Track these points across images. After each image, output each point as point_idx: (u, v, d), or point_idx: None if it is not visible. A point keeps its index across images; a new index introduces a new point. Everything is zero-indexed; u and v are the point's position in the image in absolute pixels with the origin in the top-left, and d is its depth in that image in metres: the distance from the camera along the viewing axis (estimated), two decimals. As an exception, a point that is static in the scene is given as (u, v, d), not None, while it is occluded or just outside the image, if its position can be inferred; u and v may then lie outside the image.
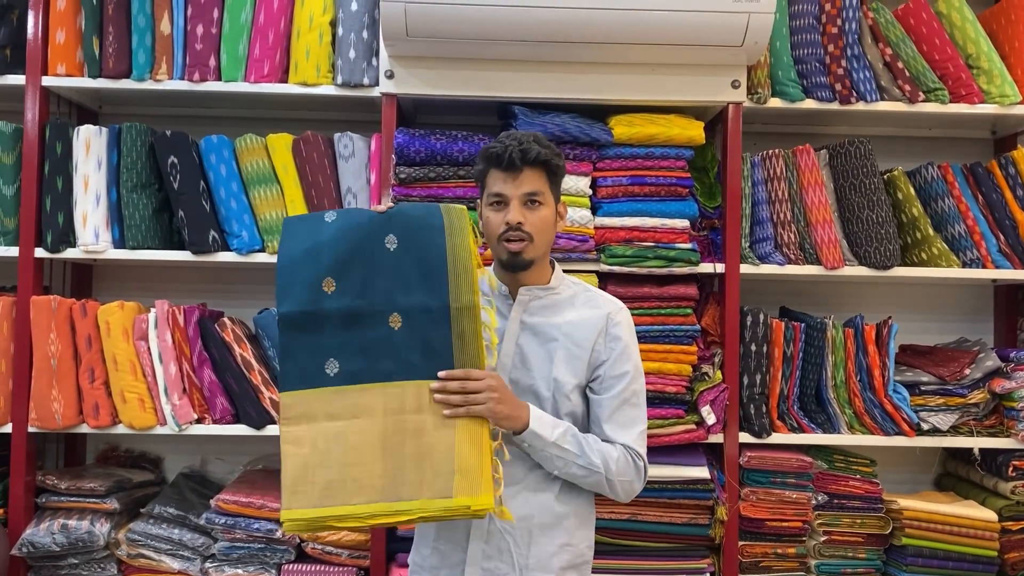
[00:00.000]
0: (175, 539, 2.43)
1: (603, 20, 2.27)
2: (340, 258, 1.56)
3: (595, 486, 1.69)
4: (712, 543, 2.50)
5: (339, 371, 1.55)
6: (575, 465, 1.65)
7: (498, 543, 1.66)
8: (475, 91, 2.46)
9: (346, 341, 1.55)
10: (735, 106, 2.52)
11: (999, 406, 2.60)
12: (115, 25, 2.50)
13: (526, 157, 1.66)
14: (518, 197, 1.67)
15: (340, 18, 2.51)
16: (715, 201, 2.60)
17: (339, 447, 1.52)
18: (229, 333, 2.48)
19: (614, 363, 1.72)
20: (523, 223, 1.67)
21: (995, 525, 2.50)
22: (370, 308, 1.56)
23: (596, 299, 1.78)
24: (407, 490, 1.52)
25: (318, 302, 1.55)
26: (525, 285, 1.74)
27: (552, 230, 1.73)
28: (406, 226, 1.59)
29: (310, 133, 2.53)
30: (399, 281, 1.57)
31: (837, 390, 2.58)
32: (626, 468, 1.68)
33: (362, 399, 1.54)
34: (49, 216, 2.47)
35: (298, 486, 1.52)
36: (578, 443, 1.65)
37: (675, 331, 2.45)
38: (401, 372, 1.55)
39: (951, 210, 2.61)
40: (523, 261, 1.69)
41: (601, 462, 1.65)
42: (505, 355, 1.72)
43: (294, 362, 1.55)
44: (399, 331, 1.56)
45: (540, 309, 1.74)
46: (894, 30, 2.64)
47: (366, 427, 1.53)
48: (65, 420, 2.42)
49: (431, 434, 1.53)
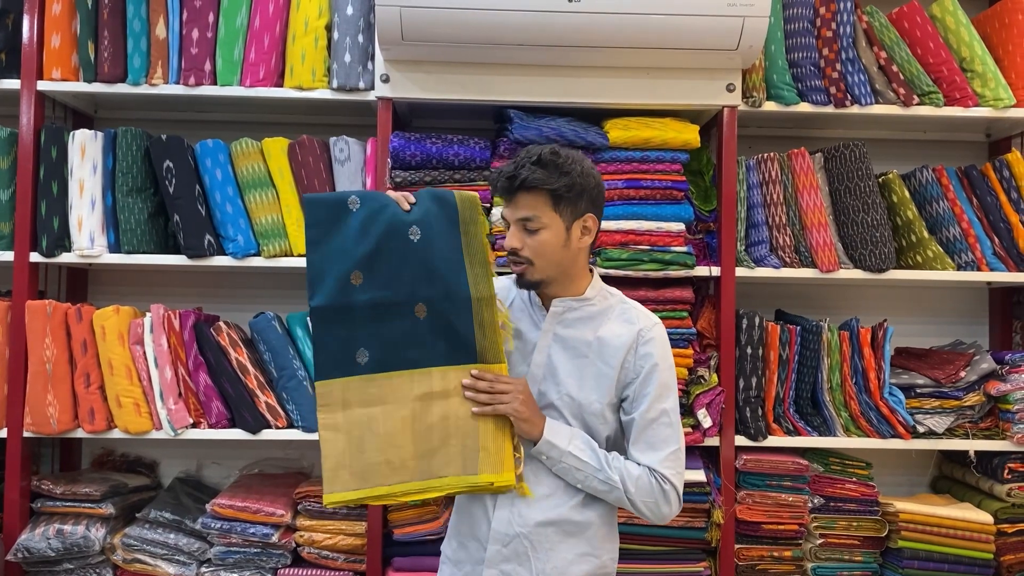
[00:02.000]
0: (171, 544, 2.42)
1: (598, 24, 2.28)
2: (367, 251, 1.61)
3: (618, 502, 1.68)
4: (708, 546, 2.50)
5: (369, 360, 1.61)
6: (595, 479, 1.64)
7: (516, 547, 1.65)
8: (471, 95, 2.46)
9: (374, 331, 1.62)
10: (730, 110, 2.53)
11: (994, 408, 2.61)
12: (110, 29, 2.49)
13: (512, 184, 1.63)
14: (514, 222, 1.66)
15: (335, 22, 2.51)
16: (710, 204, 2.60)
17: (372, 432, 1.60)
18: (225, 337, 2.48)
19: (643, 381, 1.68)
20: (519, 248, 1.65)
21: (991, 527, 2.50)
22: (396, 299, 1.62)
23: (630, 313, 1.74)
24: (436, 468, 1.62)
25: (347, 295, 1.61)
26: (558, 297, 1.72)
27: (561, 251, 1.67)
28: (427, 217, 1.65)
29: (306, 137, 2.53)
30: (423, 272, 1.63)
31: (833, 393, 2.58)
32: (648, 490, 1.64)
33: (391, 386, 1.62)
34: (44, 220, 2.47)
35: (338, 471, 1.59)
36: (596, 456, 1.64)
37: (671, 334, 2.42)
38: (427, 359, 1.63)
39: (946, 213, 2.61)
40: (526, 283, 1.69)
41: (619, 479, 1.63)
42: (536, 366, 1.70)
43: (327, 352, 1.61)
44: (424, 320, 1.63)
45: (575, 322, 1.72)
46: (888, 34, 2.65)
47: (396, 412, 1.61)
48: (60, 425, 2.41)
49: (457, 416, 1.62)
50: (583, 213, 1.68)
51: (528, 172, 1.62)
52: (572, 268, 1.71)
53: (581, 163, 1.68)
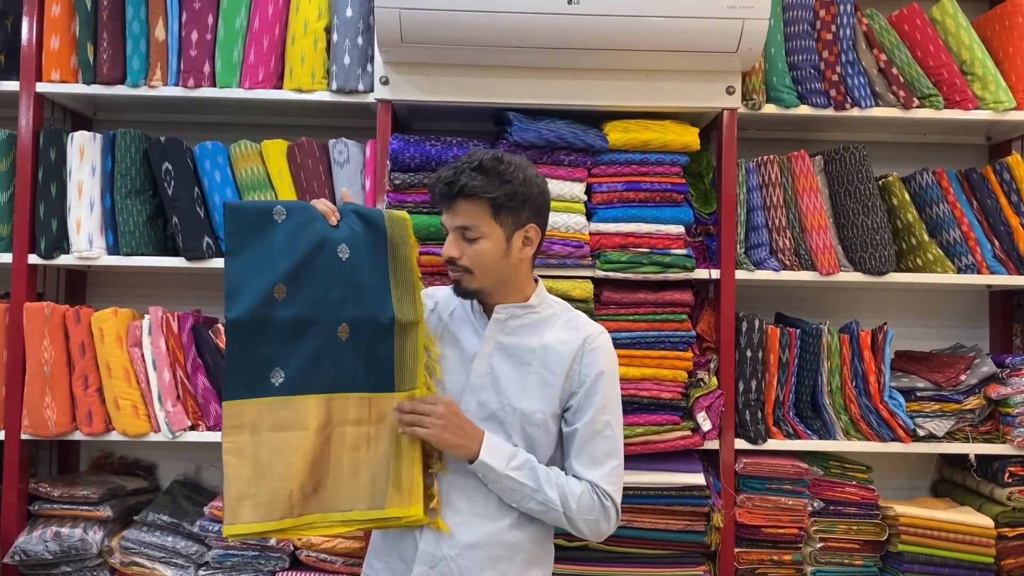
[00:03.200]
0: (169, 547, 2.41)
1: (598, 26, 2.27)
2: (293, 264, 1.54)
3: (555, 522, 1.63)
4: (708, 550, 2.49)
5: (284, 381, 1.54)
6: (532, 500, 1.59)
7: (443, 569, 1.60)
8: (470, 97, 2.46)
9: (293, 350, 1.54)
10: (730, 112, 2.53)
11: (995, 412, 2.60)
12: (109, 31, 2.49)
13: (451, 190, 1.58)
14: (452, 229, 1.61)
15: (335, 24, 2.51)
16: (710, 207, 2.60)
17: (281, 459, 1.52)
18: (223, 340, 2.48)
19: (588, 391, 1.64)
20: (457, 257, 1.61)
21: (991, 531, 2.49)
22: (319, 317, 1.55)
23: (576, 320, 1.70)
24: (343, 501, 1.56)
25: (268, 309, 1.53)
26: (500, 303, 1.67)
27: (500, 261, 1.62)
28: (356, 235, 1.59)
29: (305, 139, 2.53)
30: (350, 292, 1.57)
31: (833, 396, 2.58)
32: (590, 507, 1.60)
33: (306, 409, 1.54)
34: (43, 222, 2.46)
35: (241, 501, 1.52)
36: (535, 476, 1.59)
37: (670, 337, 2.45)
38: (346, 384, 1.57)
39: (946, 216, 2.61)
40: (464, 291, 1.64)
41: (559, 498, 1.58)
42: (476, 375, 1.66)
43: (238, 370, 1.53)
44: (346, 343, 1.56)
45: (518, 329, 1.67)
46: (888, 36, 2.65)
47: (308, 438, 1.54)
48: (58, 427, 2.41)
49: (369, 447, 1.57)
50: (525, 223, 1.63)
51: (467, 179, 1.56)
52: (513, 278, 1.66)
53: (524, 171, 1.62)
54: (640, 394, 2.41)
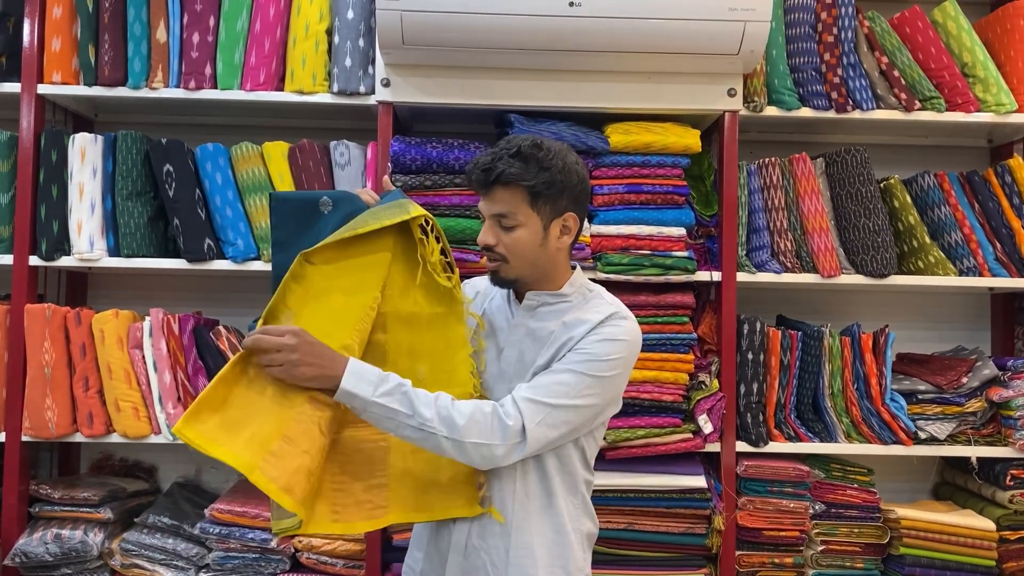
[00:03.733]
0: (169, 549, 2.41)
1: (599, 28, 2.27)
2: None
3: (437, 449, 1.48)
4: (709, 553, 2.49)
5: None
6: (407, 427, 1.46)
7: (475, 560, 1.58)
8: (471, 99, 2.46)
9: None
10: (731, 114, 2.52)
11: (996, 415, 2.60)
12: (111, 33, 2.49)
13: (488, 177, 1.53)
14: (489, 217, 1.57)
15: (336, 26, 2.51)
16: (711, 209, 2.60)
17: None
18: (224, 342, 2.48)
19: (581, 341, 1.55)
20: (493, 245, 1.57)
21: (993, 534, 2.49)
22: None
23: (604, 305, 1.63)
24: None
25: None
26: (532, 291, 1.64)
27: (537, 250, 1.57)
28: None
29: (306, 141, 2.53)
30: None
31: (834, 399, 2.57)
32: (481, 427, 1.47)
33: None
34: (44, 224, 2.46)
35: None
36: (408, 401, 1.46)
37: (672, 339, 2.45)
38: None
39: (947, 218, 2.61)
40: (500, 280, 1.61)
41: (437, 418, 1.45)
42: (506, 363, 1.63)
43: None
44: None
45: (548, 315, 1.62)
46: (890, 39, 2.64)
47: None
48: (59, 429, 2.40)
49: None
50: (563, 212, 1.58)
51: (505, 165, 1.51)
52: (549, 267, 1.62)
53: (564, 158, 1.56)
54: (641, 396, 2.41)
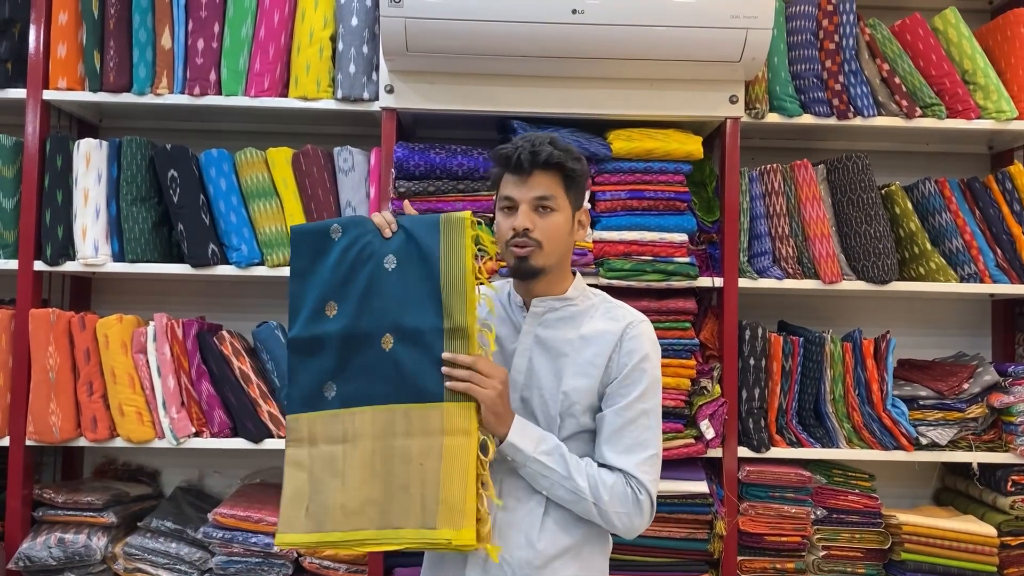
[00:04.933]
0: (172, 553, 2.42)
1: (602, 36, 2.29)
2: (342, 280, 1.57)
3: (586, 514, 1.56)
4: (711, 558, 2.50)
5: (335, 394, 1.56)
6: (560, 487, 1.54)
7: (496, 574, 1.57)
8: (474, 106, 2.47)
9: (343, 364, 1.56)
10: (733, 121, 2.54)
11: (998, 421, 2.60)
12: (116, 39, 2.51)
13: (536, 159, 1.56)
14: (527, 201, 1.58)
15: (340, 33, 2.52)
16: (713, 215, 2.61)
17: (332, 472, 1.53)
18: (228, 346, 2.48)
19: (625, 377, 1.58)
20: (531, 229, 1.57)
21: (994, 540, 2.49)
22: (365, 330, 1.56)
23: (615, 311, 1.65)
24: (394, 518, 1.50)
25: (321, 326, 1.57)
26: (538, 296, 1.65)
27: (567, 239, 1.62)
28: (406, 244, 1.57)
29: (310, 147, 2.54)
30: (393, 302, 1.55)
31: (836, 404, 2.58)
32: (622, 500, 1.54)
33: (354, 423, 1.54)
34: (49, 229, 2.47)
35: (295, 510, 1.53)
36: (565, 463, 1.53)
37: (674, 345, 2.45)
38: (391, 395, 1.54)
39: (948, 225, 2.61)
40: (530, 268, 1.59)
41: (588, 487, 1.52)
42: (516, 371, 1.63)
43: (298, 385, 1.58)
44: (389, 353, 1.55)
45: (556, 322, 1.64)
46: (891, 46, 2.66)
47: (357, 452, 1.53)
48: (63, 433, 2.41)
49: (419, 462, 1.51)
50: (581, 204, 1.65)
51: (551, 148, 1.57)
52: (566, 262, 1.66)
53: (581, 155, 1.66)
54: (643, 402, 2.41)
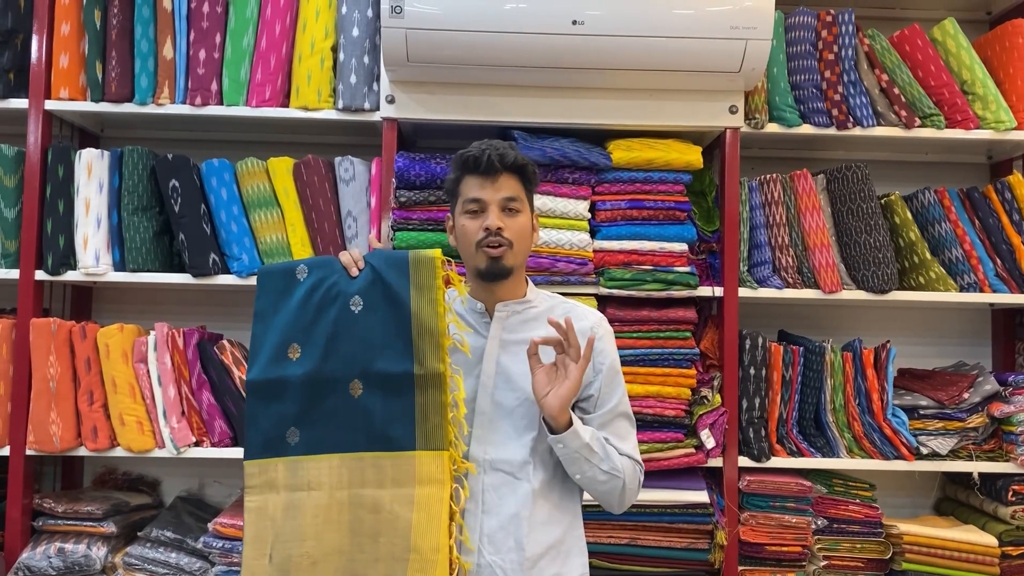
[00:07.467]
0: (172, 563, 2.41)
1: (602, 46, 2.30)
2: (306, 322, 1.54)
3: (610, 493, 1.63)
4: (712, 568, 2.49)
5: (299, 440, 1.53)
6: (599, 470, 1.59)
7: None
8: (475, 116, 2.48)
9: (307, 409, 1.53)
10: (733, 131, 2.54)
11: (998, 430, 2.60)
12: (118, 50, 2.52)
13: (504, 161, 1.63)
14: (496, 202, 1.63)
15: (341, 43, 2.53)
16: (713, 225, 2.61)
17: (295, 520, 1.50)
18: (228, 356, 2.49)
19: (606, 379, 1.68)
20: (503, 228, 1.62)
21: (995, 550, 2.49)
22: (332, 374, 1.53)
23: (575, 310, 1.73)
24: (360, 567, 1.48)
25: (283, 369, 1.53)
26: (501, 300, 1.68)
27: (529, 239, 1.69)
28: (373, 284, 1.55)
29: (311, 157, 2.55)
30: (360, 346, 1.53)
31: (836, 414, 2.58)
32: (633, 477, 1.65)
33: (319, 470, 1.51)
34: (50, 239, 2.48)
35: (257, 558, 1.50)
36: (603, 447, 1.61)
37: (674, 354, 2.46)
38: (362, 443, 1.52)
39: (948, 234, 2.62)
40: (502, 268, 1.63)
41: (622, 467, 1.61)
42: (486, 376, 1.64)
43: (257, 429, 1.54)
44: (358, 399, 1.52)
45: (519, 325, 1.69)
46: (890, 57, 2.67)
47: (323, 500, 1.50)
48: (63, 443, 2.41)
49: (389, 510, 1.49)
50: (533, 207, 1.73)
51: (514, 152, 1.65)
52: (524, 265, 1.73)
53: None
54: (644, 411, 2.41)
